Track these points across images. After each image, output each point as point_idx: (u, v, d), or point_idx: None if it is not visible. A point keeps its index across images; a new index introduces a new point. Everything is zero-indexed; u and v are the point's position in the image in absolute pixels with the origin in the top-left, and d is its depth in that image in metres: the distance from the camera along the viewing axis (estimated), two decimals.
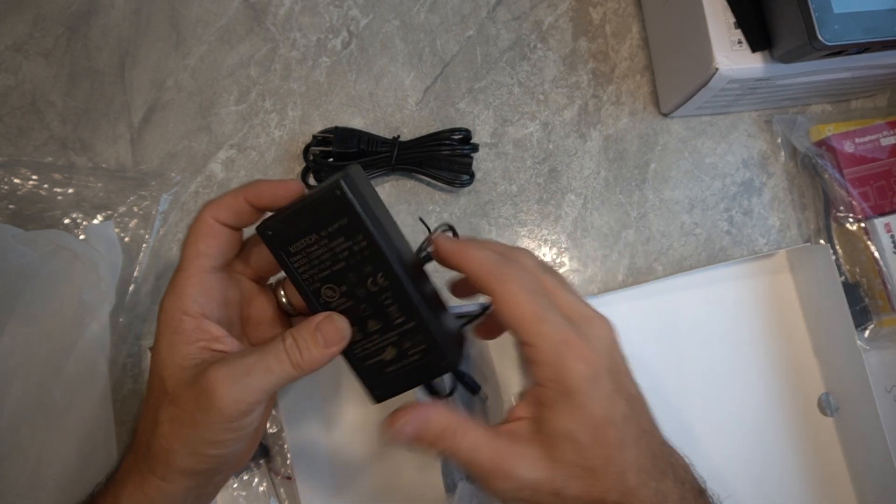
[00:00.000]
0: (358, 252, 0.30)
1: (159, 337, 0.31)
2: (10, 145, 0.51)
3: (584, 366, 0.29)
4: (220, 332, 0.31)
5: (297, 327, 0.31)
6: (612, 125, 0.53)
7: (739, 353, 0.50)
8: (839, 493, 0.48)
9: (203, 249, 0.31)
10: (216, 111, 0.52)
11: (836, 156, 0.51)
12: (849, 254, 0.51)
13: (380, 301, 0.31)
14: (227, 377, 0.29)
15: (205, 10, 0.53)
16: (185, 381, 0.30)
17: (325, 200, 0.29)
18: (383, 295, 0.31)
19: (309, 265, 0.31)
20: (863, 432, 0.47)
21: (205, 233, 0.31)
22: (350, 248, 0.30)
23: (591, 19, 0.55)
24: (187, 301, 0.31)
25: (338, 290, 0.31)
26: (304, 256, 0.30)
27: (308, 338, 0.30)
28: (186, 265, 0.32)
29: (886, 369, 0.50)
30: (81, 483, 0.42)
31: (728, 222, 0.53)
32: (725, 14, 0.45)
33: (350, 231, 0.29)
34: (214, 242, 0.32)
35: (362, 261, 0.30)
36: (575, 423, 0.29)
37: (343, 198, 0.29)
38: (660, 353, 0.50)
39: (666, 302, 0.50)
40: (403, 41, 0.54)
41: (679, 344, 0.50)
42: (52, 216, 0.49)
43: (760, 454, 0.49)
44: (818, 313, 0.50)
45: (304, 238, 0.30)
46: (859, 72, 0.47)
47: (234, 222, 0.32)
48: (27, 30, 0.52)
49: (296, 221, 0.30)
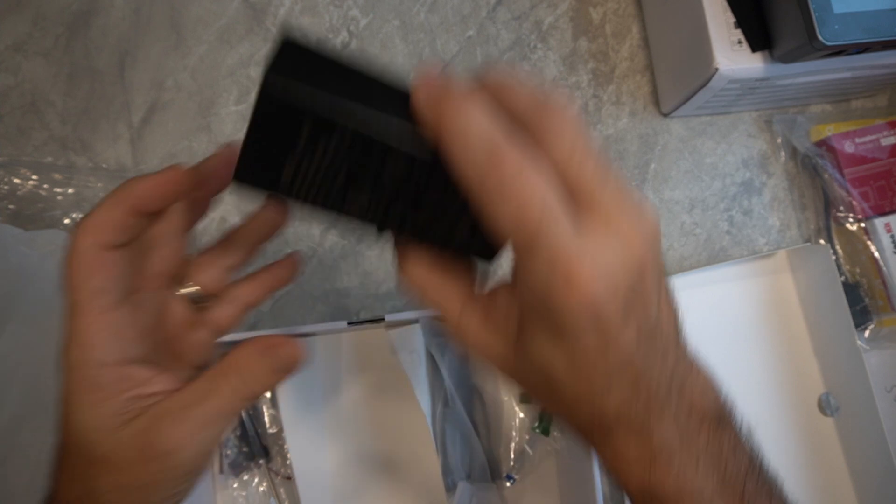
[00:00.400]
0: (352, 149, 0.23)
1: (71, 398, 0.25)
2: (10, 145, 0.51)
3: (582, 297, 0.21)
4: (147, 372, 0.26)
5: (241, 354, 0.26)
6: (612, 125, 0.53)
7: (739, 353, 0.50)
8: (839, 493, 0.48)
9: (98, 285, 0.25)
10: (216, 111, 0.52)
11: (836, 156, 0.51)
12: (849, 254, 0.51)
13: (410, 189, 0.24)
14: (182, 431, 0.25)
15: (205, 10, 0.53)
16: (122, 443, 0.25)
17: (266, 118, 0.22)
18: (410, 182, 0.24)
19: (316, 190, 0.24)
20: (863, 432, 0.47)
21: (92, 266, 0.25)
22: (338, 148, 0.23)
23: (591, 19, 0.55)
24: (98, 351, 0.25)
25: (363, 196, 0.24)
26: (302, 183, 0.24)
27: (260, 369, 0.26)
28: (83, 308, 0.25)
29: (886, 369, 0.50)
30: None
31: (728, 222, 0.53)
32: (725, 14, 0.45)
33: (323, 133, 0.23)
34: (109, 273, 0.25)
35: (365, 157, 0.23)
36: (556, 356, 0.23)
37: (283, 104, 0.22)
38: None
39: None
40: (403, 41, 0.54)
41: None
42: (52, 216, 0.49)
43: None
44: (818, 313, 0.50)
45: (287, 165, 0.24)
46: (859, 72, 0.47)
47: (124, 239, 0.25)
48: (27, 30, 0.52)
49: (258, 155, 0.23)
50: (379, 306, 0.50)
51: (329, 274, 0.51)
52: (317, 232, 0.51)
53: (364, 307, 0.50)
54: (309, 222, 0.51)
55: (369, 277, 0.51)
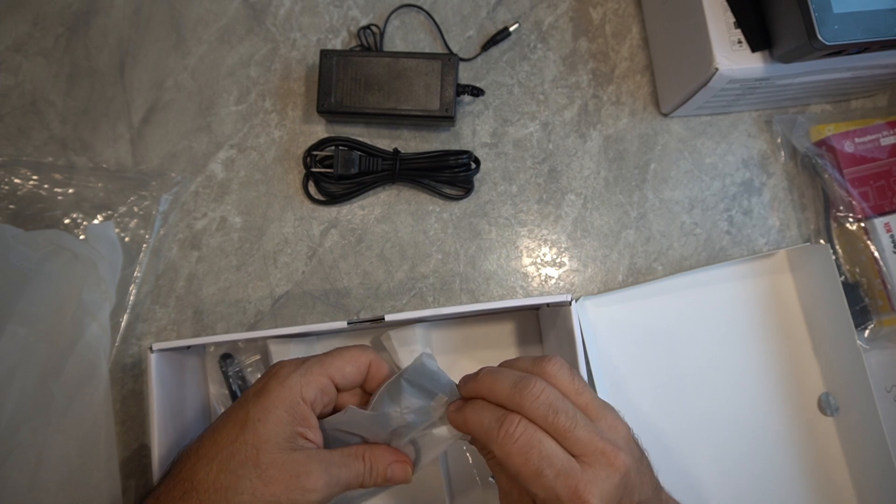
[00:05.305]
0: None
1: (270, 407, 0.34)
2: (10, 145, 0.51)
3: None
4: (313, 421, 0.35)
5: (376, 453, 0.36)
6: (612, 125, 0.53)
7: (739, 352, 0.50)
8: (839, 493, 0.48)
9: (341, 370, 0.36)
10: (216, 111, 0.52)
11: (836, 156, 0.51)
12: (849, 254, 0.51)
13: None
14: (324, 472, 0.33)
15: (205, 10, 0.53)
16: (281, 463, 0.33)
17: None
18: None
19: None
20: (863, 432, 0.47)
21: (351, 369, 0.37)
22: None
23: (591, 19, 0.55)
24: (310, 390, 0.35)
25: None
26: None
27: (381, 470, 0.36)
28: (325, 366, 0.36)
29: (886, 369, 0.50)
30: (81, 483, 0.43)
31: (728, 222, 0.53)
32: (725, 14, 0.45)
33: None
34: (351, 376, 0.37)
35: None
36: None
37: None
38: (659, 353, 0.50)
39: (666, 302, 0.50)
40: (403, 41, 0.54)
41: (679, 343, 0.50)
42: (52, 216, 0.49)
43: (760, 454, 0.49)
44: (818, 313, 0.50)
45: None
46: (859, 72, 0.47)
47: (347, 387, 0.38)
48: (27, 30, 0.52)
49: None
50: (379, 306, 0.50)
51: (329, 274, 0.51)
52: (317, 232, 0.51)
53: (364, 307, 0.50)
54: (309, 222, 0.51)
55: (369, 277, 0.51)
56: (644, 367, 0.50)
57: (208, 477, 0.33)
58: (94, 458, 0.43)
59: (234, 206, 0.51)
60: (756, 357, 0.50)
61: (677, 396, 0.49)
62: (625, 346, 0.50)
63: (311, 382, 0.35)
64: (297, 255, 0.51)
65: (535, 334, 0.50)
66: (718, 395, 0.49)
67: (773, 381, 0.50)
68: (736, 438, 0.49)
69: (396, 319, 0.41)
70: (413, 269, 0.51)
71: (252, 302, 0.50)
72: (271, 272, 0.50)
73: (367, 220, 0.51)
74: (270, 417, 0.34)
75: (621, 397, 0.49)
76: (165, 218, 0.50)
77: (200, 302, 0.50)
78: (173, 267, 0.50)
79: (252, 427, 0.33)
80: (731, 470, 0.48)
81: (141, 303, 0.49)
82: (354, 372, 0.37)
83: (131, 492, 0.46)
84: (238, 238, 0.51)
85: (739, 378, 0.50)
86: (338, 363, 0.37)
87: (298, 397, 0.34)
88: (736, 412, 0.49)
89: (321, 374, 0.36)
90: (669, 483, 0.36)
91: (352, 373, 0.37)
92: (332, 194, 0.51)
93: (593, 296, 0.50)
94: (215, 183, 0.51)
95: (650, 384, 0.49)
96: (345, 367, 0.37)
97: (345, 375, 0.37)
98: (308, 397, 0.35)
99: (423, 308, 0.50)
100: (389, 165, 0.49)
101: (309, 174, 0.51)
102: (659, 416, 0.49)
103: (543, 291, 0.51)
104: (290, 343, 0.46)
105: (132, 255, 0.49)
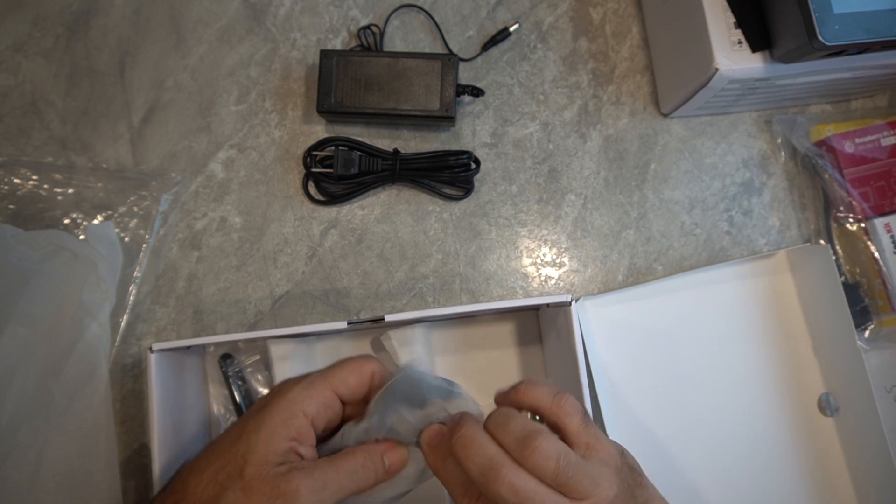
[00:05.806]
0: None
1: (267, 419, 0.33)
2: (10, 145, 0.51)
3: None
4: (311, 437, 0.34)
5: (367, 447, 0.34)
6: (612, 125, 0.53)
7: (739, 353, 0.50)
8: (839, 493, 0.48)
9: (344, 381, 0.36)
10: (216, 111, 0.52)
11: (836, 156, 0.51)
12: (849, 254, 0.51)
13: None
14: (309, 488, 0.32)
15: (205, 10, 0.53)
16: (264, 475, 0.32)
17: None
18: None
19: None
20: (863, 432, 0.47)
21: (355, 380, 0.36)
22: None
23: (591, 19, 0.55)
24: (311, 403, 0.34)
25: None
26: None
27: (376, 466, 0.34)
28: (328, 379, 0.35)
29: (886, 369, 0.50)
30: (81, 483, 0.43)
31: (728, 222, 0.53)
32: (725, 14, 0.45)
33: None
34: (355, 387, 0.36)
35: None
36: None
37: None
38: (659, 353, 0.50)
39: (666, 302, 0.50)
40: (403, 41, 0.54)
41: (679, 344, 0.50)
42: (52, 216, 0.49)
43: (761, 454, 0.49)
44: (818, 313, 0.50)
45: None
46: (859, 72, 0.47)
47: (352, 400, 0.37)
48: (27, 30, 0.52)
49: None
50: (379, 306, 0.50)
51: (329, 274, 0.51)
52: (317, 232, 0.51)
53: (364, 307, 0.50)
54: (309, 222, 0.51)
55: (369, 277, 0.51)
56: (644, 368, 0.50)
57: (197, 488, 0.32)
58: (94, 458, 0.43)
59: (234, 206, 0.51)
60: (756, 357, 0.50)
61: (677, 396, 0.49)
62: (625, 347, 0.50)
63: (313, 396, 0.34)
64: (297, 256, 0.51)
65: (535, 334, 0.50)
66: (718, 396, 0.49)
67: (773, 382, 0.50)
68: (736, 438, 0.49)
69: (396, 320, 0.41)
70: (413, 269, 0.51)
71: (252, 302, 0.50)
72: (271, 272, 0.50)
73: (367, 220, 0.51)
74: (264, 429, 0.33)
75: (621, 397, 0.49)
76: (165, 218, 0.50)
77: (200, 302, 0.50)
78: (173, 267, 0.50)
79: (245, 438, 0.33)
80: (731, 470, 0.48)
81: (141, 303, 0.49)
82: (358, 383, 0.36)
83: (131, 492, 0.47)
84: (238, 238, 0.51)
85: (739, 378, 0.50)
86: (341, 374, 0.36)
87: (299, 411, 0.34)
88: (736, 412, 0.49)
89: (324, 387, 0.35)
90: (669, 483, 0.36)
91: (355, 384, 0.36)
92: (332, 194, 0.51)
93: (593, 296, 0.50)
94: (215, 183, 0.51)
95: (650, 384, 0.49)
96: (348, 377, 0.36)
97: (348, 386, 0.36)
98: (310, 411, 0.34)
99: (423, 308, 0.50)
100: (389, 165, 0.49)
101: (309, 174, 0.51)
102: (659, 417, 0.49)
103: (543, 292, 0.51)
104: (290, 343, 0.46)
105: (132, 255, 0.49)
